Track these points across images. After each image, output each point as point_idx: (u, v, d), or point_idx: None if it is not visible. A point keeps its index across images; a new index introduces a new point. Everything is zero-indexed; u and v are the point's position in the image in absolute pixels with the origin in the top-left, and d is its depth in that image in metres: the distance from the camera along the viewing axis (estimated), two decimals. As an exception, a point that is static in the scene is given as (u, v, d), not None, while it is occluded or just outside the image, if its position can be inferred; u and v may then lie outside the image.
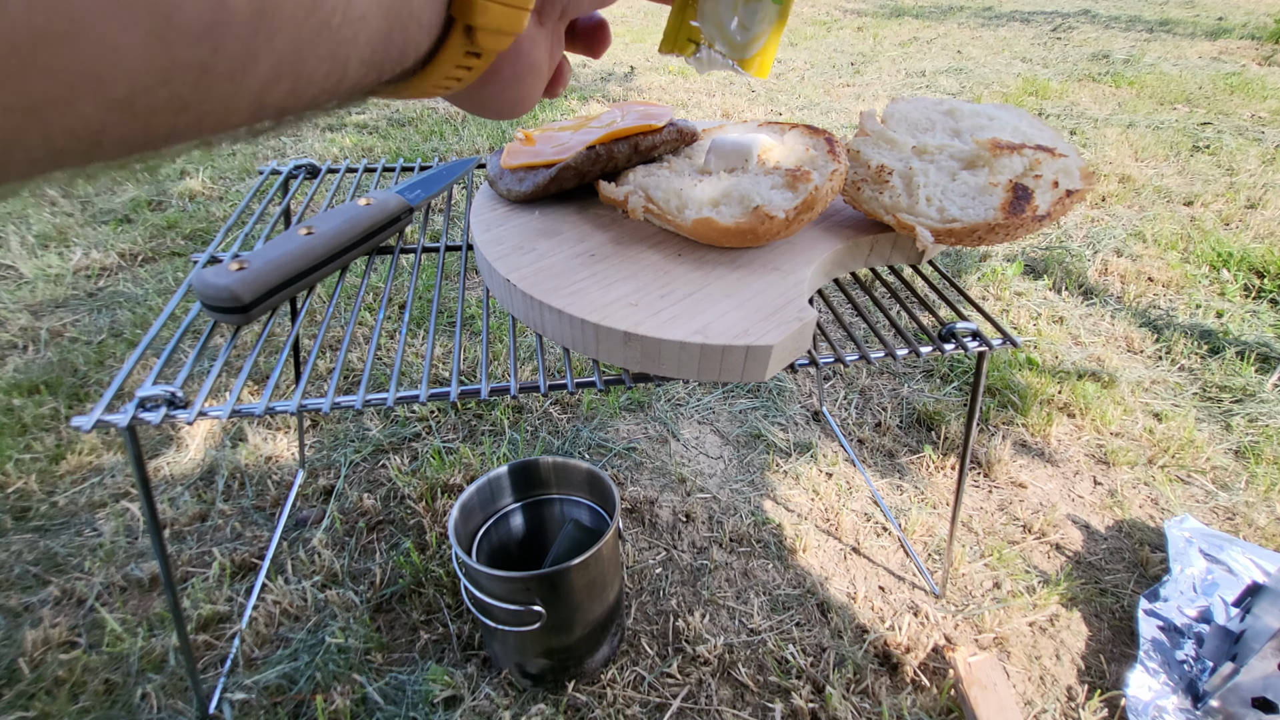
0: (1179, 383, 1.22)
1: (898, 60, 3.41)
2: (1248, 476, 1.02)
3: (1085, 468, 1.05)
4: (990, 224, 0.50)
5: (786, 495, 1.00)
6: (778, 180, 0.52)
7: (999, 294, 1.46)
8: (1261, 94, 2.70)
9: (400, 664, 0.77)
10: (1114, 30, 4.00)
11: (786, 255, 0.53)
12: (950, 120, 0.60)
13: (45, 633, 0.78)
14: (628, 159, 0.59)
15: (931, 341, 0.56)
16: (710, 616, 0.83)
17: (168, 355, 0.52)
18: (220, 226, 1.60)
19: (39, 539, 0.90)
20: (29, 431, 1.06)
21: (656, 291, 0.48)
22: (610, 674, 0.76)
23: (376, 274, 1.48)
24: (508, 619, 0.66)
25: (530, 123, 2.46)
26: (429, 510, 0.94)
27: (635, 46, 3.65)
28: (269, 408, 0.48)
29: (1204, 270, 1.53)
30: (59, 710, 0.72)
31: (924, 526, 0.94)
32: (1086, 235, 1.68)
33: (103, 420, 0.47)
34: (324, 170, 0.79)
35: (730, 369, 0.44)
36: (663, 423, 1.13)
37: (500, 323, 1.33)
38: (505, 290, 0.51)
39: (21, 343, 1.25)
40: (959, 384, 1.21)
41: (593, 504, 0.78)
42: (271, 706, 0.73)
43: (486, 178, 0.65)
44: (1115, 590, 0.87)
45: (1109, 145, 2.19)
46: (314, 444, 1.07)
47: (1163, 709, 0.71)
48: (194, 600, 0.83)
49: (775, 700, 0.74)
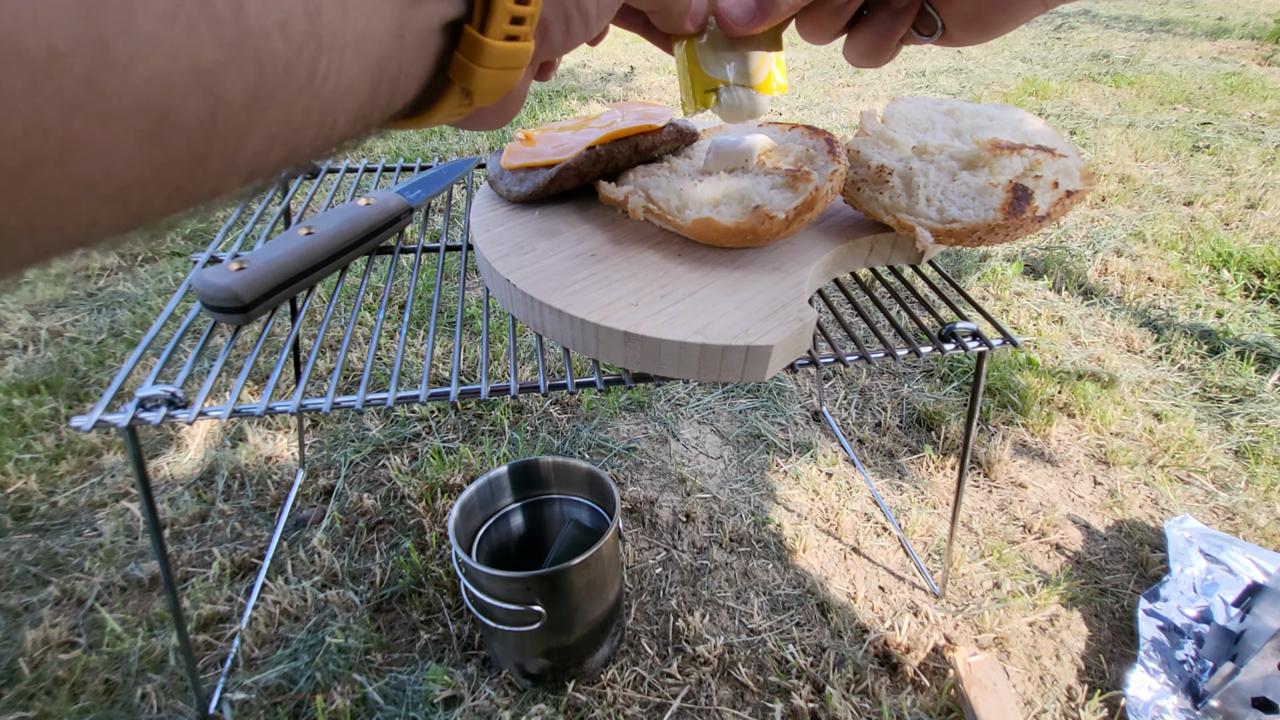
0: (1179, 383, 1.22)
1: (898, 60, 3.41)
2: (1248, 476, 1.02)
3: (1085, 468, 1.05)
4: (990, 224, 0.50)
5: (786, 495, 1.00)
6: (778, 180, 0.52)
7: (999, 294, 1.46)
8: (1261, 94, 2.70)
9: (400, 664, 0.77)
10: (1114, 30, 4.00)
11: (786, 255, 0.53)
12: (950, 120, 0.60)
13: (45, 633, 0.78)
14: (628, 159, 0.59)
15: (931, 341, 0.56)
16: (710, 616, 0.83)
17: (168, 355, 0.52)
18: (220, 226, 1.60)
19: (39, 539, 0.90)
20: (29, 431, 1.06)
21: (656, 291, 0.48)
22: (610, 674, 0.76)
23: (376, 274, 1.48)
24: (508, 619, 0.66)
25: (530, 123, 2.46)
26: (429, 510, 0.94)
27: (635, 47, 3.65)
28: (269, 408, 0.48)
29: (1204, 270, 1.53)
30: (59, 710, 0.72)
31: (924, 526, 0.94)
32: (1086, 235, 1.68)
33: (103, 420, 0.47)
34: (324, 170, 0.79)
35: (730, 369, 0.44)
36: (663, 423, 1.13)
37: (500, 323, 1.33)
38: (505, 290, 0.51)
39: (21, 343, 1.25)
40: (959, 384, 1.21)
41: (593, 504, 0.78)
42: (271, 706, 0.73)
43: (486, 178, 0.65)
44: (1115, 590, 0.87)
45: (1109, 145, 2.19)
46: (314, 444, 1.07)
47: (1163, 709, 0.71)
48: (194, 600, 0.83)
49: (775, 700, 0.74)
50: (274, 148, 0.15)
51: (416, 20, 0.19)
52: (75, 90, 0.11)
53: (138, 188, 0.13)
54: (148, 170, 0.13)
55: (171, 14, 0.12)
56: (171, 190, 0.14)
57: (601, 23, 0.27)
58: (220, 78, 0.13)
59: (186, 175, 0.14)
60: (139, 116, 0.12)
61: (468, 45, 0.21)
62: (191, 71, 0.12)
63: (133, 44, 0.11)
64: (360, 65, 0.17)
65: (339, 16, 0.15)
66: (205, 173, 0.14)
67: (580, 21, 0.25)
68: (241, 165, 0.15)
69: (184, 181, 0.14)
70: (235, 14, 0.13)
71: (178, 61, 0.12)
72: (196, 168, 0.14)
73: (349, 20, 0.16)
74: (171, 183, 0.13)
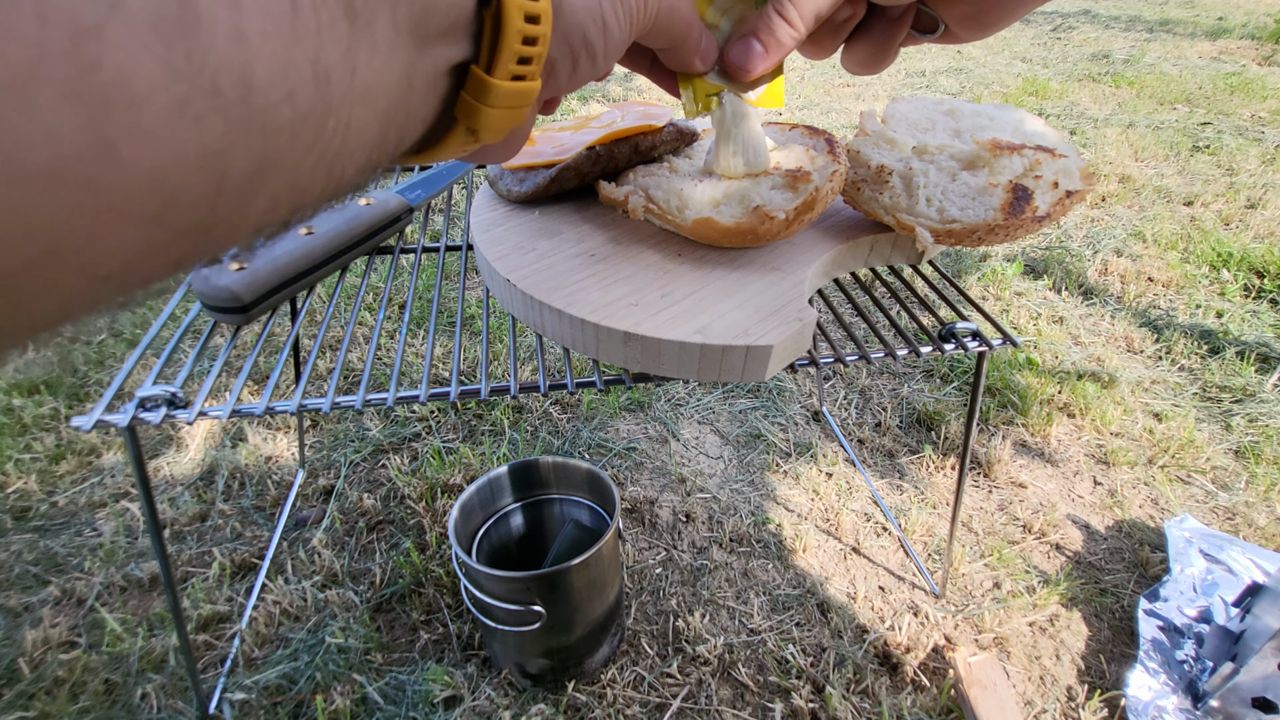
0: (1179, 383, 1.22)
1: (898, 60, 3.40)
2: (1248, 476, 1.02)
3: (1085, 468, 1.05)
4: (990, 225, 0.50)
5: (786, 495, 1.00)
6: (778, 181, 0.52)
7: (999, 294, 1.46)
8: (1261, 94, 2.70)
9: (400, 664, 0.77)
10: (1114, 30, 4.00)
11: (786, 255, 0.53)
12: (950, 120, 0.60)
13: (45, 633, 0.78)
14: (628, 159, 0.59)
15: (931, 341, 0.56)
16: (710, 616, 0.83)
17: (168, 355, 0.52)
18: (220, 226, 1.60)
19: (39, 539, 0.90)
20: (29, 431, 1.06)
21: (656, 291, 0.48)
22: (610, 674, 0.76)
23: (376, 274, 1.48)
24: (508, 619, 0.66)
25: (530, 123, 2.46)
26: (429, 510, 0.94)
27: (635, 46, 3.65)
28: (269, 408, 0.48)
29: (1204, 270, 1.53)
30: (59, 710, 0.72)
31: (924, 526, 0.94)
32: (1086, 235, 1.68)
33: (103, 420, 0.47)
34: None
35: (730, 369, 0.44)
36: (663, 423, 1.13)
37: (500, 323, 1.33)
38: (505, 290, 0.51)
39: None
40: (959, 384, 1.21)
41: (593, 504, 0.78)
42: (271, 706, 0.73)
43: (486, 178, 0.65)
44: (1115, 590, 0.87)
45: (1109, 145, 2.19)
46: (314, 444, 1.07)
47: (1163, 709, 0.71)
48: (194, 600, 0.83)
49: (775, 700, 0.74)
50: (280, 206, 0.15)
51: (424, 67, 0.19)
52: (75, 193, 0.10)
53: (139, 265, 0.13)
54: (149, 250, 0.12)
55: (179, 107, 0.11)
56: (174, 262, 0.13)
57: (610, 62, 0.26)
58: (227, 155, 0.12)
59: (190, 246, 0.13)
60: (143, 203, 0.11)
61: (474, 86, 0.21)
62: (197, 156, 0.12)
63: (138, 142, 0.11)
64: (368, 117, 0.16)
65: (347, 78, 0.15)
66: (209, 240, 0.14)
67: (588, 61, 0.25)
68: (247, 227, 0.15)
69: (187, 252, 0.13)
70: (244, 95, 0.12)
71: (184, 149, 0.12)
72: (201, 238, 0.13)
73: (357, 80, 0.15)
74: (175, 256, 0.13)
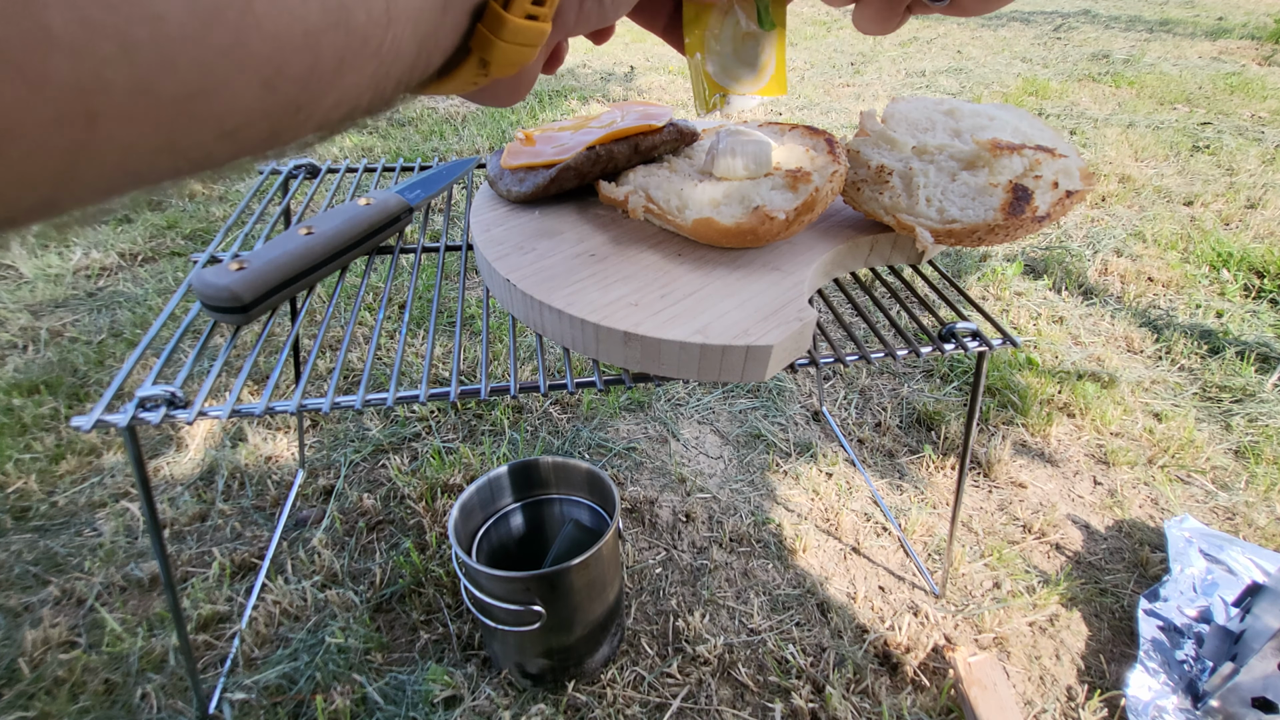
0: (1179, 383, 1.22)
1: (898, 60, 3.41)
2: (1248, 476, 1.02)
3: (1085, 468, 1.05)
4: (990, 225, 0.50)
5: (786, 495, 1.00)
6: (778, 181, 0.52)
7: (999, 294, 1.46)
8: (1261, 94, 2.70)
9: (400, 664, 0.77)
10: (1114, 30, 4.00)
11: (786, 255, 0.53)
12: (950, 120, 0.60)
13: (45, 633, 0.78)
14: (628, 159, 0.59)
15: (931, 341, 0.56)
16: (710, 616, 0.83)
17: (168, 355, 0.52)
18: (220, 226, 1.60)
19: (39, 539, 0.90)
20: (29, 431, 1.06)
21: (656, 291, 0.48)
22: (610, 674, 0.76)
23: (376, 274, 1.48)
24: (508, 619, 0.66)
25: (530, 123, 2.46)
26: (429, 510, 0.94)
27: (635, 46, 3.65)
28: (269, 408, 0.48)
29: (1204, 270, 1.53)
30: (59, 710, 0.72)
31: (924, 526, 0.94)
32: (1086, 235, 1.68)
33: (103, 420, 0.47)
34: (324, 170, 0.79)
35: (730, 369, 0.44)
36: (663, 423, 1.13)
37: (500, 323, 1.33)
38: (505, 290, 0.51)
39: (21, 343, 1.25)
40: (959, 384, 1.21)
41: (593, 504, 0.78)
42: (271, 706, 0.73)
43: (486, 178, 0.65)
44: (1115, 590, 0.87)
45: (1109, 145, 2.19)
46: (314, 444, 1.07)
47: (1163, 709, 0.71)
48: (194, 600, 0.83)
49: (775, 700, 0.74)
50: (342, 105, 0.18)
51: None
52: (227, 40, 0.13)
53: (248, 128, 0.15)
54: (259, 113, 0.15)
55: None
56: (270, 134, 0.16)
57: (619, 12, 0.29)
58: (321, 39, 0.15)
59: (283, 120, 0.16)
60: (265, 65, 0.14)
61: (491, 19, 0.23)
62: (303, 33, 0.15)
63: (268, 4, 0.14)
64: (412, 37, 0.19)
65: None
66: (296, 120, 0.17)
67: (595, 6, 0.27)
68: (319, 117, 0.17)
69: (281, 126, 0.16)
70: None
71: (296, 22, 0.14)
72: (292, 115, 0.16)
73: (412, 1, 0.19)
74: (272, 126, 0.16)
